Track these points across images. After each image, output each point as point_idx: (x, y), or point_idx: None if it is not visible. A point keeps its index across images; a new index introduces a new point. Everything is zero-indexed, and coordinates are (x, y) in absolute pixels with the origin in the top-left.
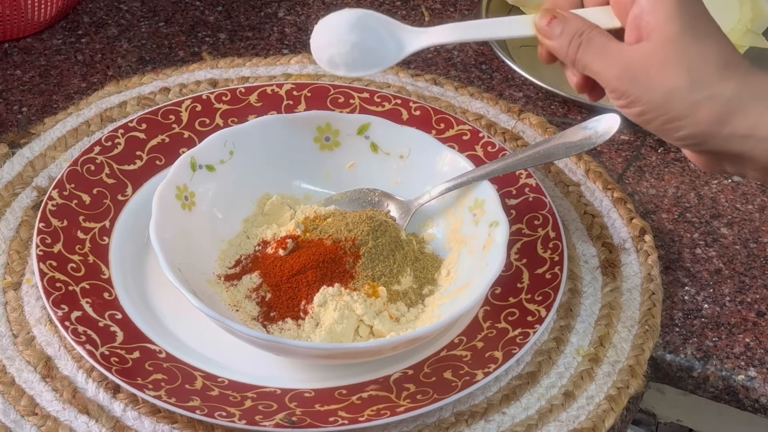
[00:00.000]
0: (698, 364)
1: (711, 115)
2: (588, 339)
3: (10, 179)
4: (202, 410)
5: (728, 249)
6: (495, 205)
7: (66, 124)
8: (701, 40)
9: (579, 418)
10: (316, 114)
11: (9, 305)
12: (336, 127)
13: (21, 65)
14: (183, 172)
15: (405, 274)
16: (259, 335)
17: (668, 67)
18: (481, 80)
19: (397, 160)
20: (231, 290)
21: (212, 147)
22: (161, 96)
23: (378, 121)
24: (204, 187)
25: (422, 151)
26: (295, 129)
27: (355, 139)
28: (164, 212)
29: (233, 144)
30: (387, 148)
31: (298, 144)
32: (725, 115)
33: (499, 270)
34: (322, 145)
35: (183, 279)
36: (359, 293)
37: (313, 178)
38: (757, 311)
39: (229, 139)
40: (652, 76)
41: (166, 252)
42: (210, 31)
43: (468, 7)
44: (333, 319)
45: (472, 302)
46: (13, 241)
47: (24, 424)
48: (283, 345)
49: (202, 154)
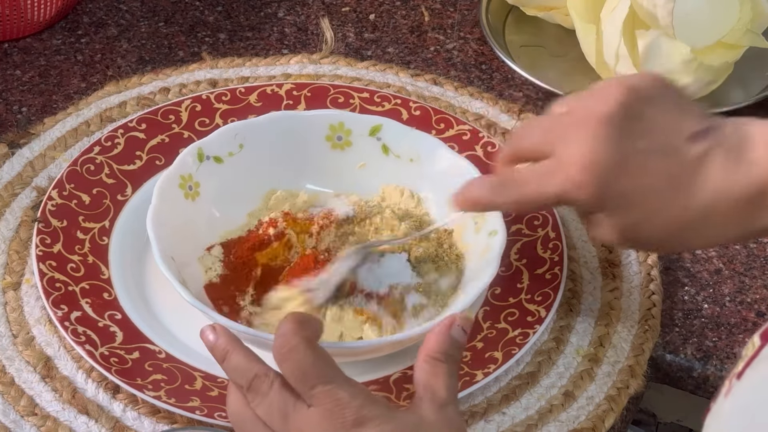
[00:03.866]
0: (698, 364)
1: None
2: (588, 339)
3: (9, 179)
4: (201, 410)
5: (728, 249)
6: (496, 214)
7: (66, 125)
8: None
9: (579, 418)
10: (330, 113)
11: (9, 305)
12: (349, 127)
13: (21, 65)
14: (189, 162)
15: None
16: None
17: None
18: (481, 80)
19: (407, 164)
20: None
21: (222, 139)
22: (161, 96)
23: (391, 124)
24: (210, 178)
25: (433, 156)
26: (308, 126)
27: (367, 140)
28: (165, 201)
29: (244, 137)
30: (398, 151)
31: (310, 141)
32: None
33: (490, 279)
34: (333, 144)
35: (175, 269)
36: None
37: (322, 176)
38: (757, 311)
39: (240, 132)
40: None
41: (161, 240)
42: (210, 31)
43: (468, 7)
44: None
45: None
46: (12, 241)
47: (24, 425)
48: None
49: (211, 145)
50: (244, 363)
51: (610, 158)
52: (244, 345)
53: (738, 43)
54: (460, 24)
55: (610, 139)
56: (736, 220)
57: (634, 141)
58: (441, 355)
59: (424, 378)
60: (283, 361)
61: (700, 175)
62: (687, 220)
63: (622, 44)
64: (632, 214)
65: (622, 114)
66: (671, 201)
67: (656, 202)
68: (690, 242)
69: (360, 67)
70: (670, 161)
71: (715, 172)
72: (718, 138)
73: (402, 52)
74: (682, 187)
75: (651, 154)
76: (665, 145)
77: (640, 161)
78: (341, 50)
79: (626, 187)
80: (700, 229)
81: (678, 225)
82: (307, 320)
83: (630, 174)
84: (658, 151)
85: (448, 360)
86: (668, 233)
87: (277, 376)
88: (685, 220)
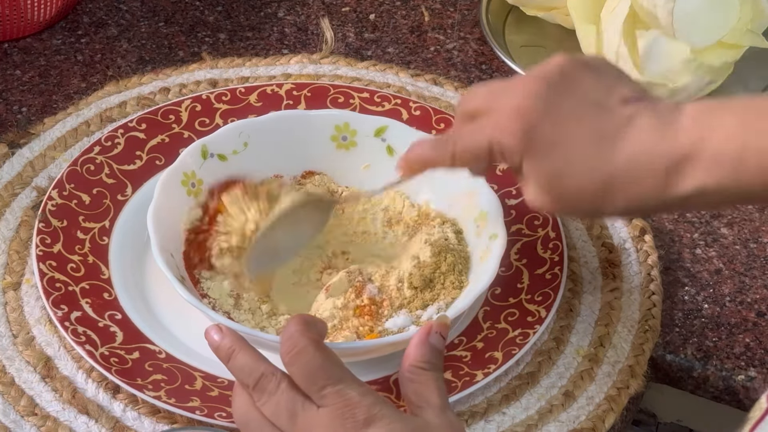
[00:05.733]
0: (698, 364)
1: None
2: (588, 339)
3: (9, 179)
4: (201, 410)
5: (728, 249)
6: (497, 217)
7: (66, 124)
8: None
9: (579, 418)
10: (336, 113)
11: (9, 305)
12: (354, 127)
13: (21, 65)
14: (193, 159)
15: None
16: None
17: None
18: (481, 80)
19: None
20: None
21: (227, 137)
22: (161, 96)
23: (396, 125)
24: (213, 176)
25: None
26: (313, 126)
27: (372, 140)
28: (167, 197)
29: (248, 136)
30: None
31: (315, 141)
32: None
33: (489, 282)
34: (338, 144)
35: (174, 266)
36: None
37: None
38: (757, 311)
39: (245, 131)
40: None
41: (160, 237)
42: (210, 31)
43: (468, 7)
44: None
45: (459, 310)
46: (12, 241)
47: (24, 425)
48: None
49: (216, 143)
50: (251, 362)
51: (538, 107)
52: (250, 344)
53: (738, 43)
54: (460, 24)
55: (540, 93)
56: (656, 183)
57: (565, 96)
58: (425, 364)
59: (414, 388)
60: (291, 362)
61: (626, 132)
62: (609, 174)
63: (622, 44)
64: (556, 161)
65: (557, 73)
66: (594, 152)
67: (580, 150)
68: (612, 202)
69: (360, 67)
70: (598, 115)
71: (642, 132)
72: (650, 105)
73: (402, 52)
74: (606, 139)
75: (580, 107)
76: (596, 102)
77: (568, 112)
78: (341, 50)
79: (551, 134)
80: (621, 187)
81: (600, 178)
82: (313, 321)
83: (556, 122)
84: (587, 106)
85: (432, 368)
86: (590, 188)
87: (284, 376)
88: (607, 174)
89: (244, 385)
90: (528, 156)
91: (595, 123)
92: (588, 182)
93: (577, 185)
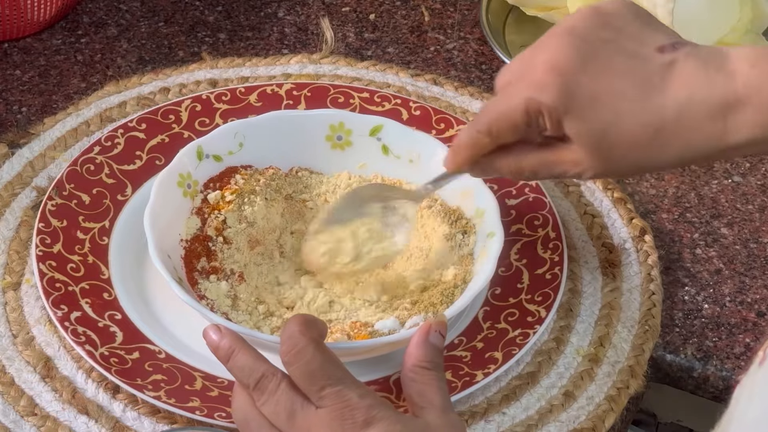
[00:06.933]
0: (698, 364)
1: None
2: (588, 339)
3: (9, 179)
4: (201, 411)
5: (728, 249)
6: (494, 215)
7: (66, 125)
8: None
9: (579, 418)
10: (330, 112)
11: (9, 305)
12: (349, 127)
13: (20, 65)
14: (188, 161)
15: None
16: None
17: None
18: (481, 80)
19: (407, 164)
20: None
21: (222, 138)
22: (161, 96)
23: (391, 124)
24: (209, 176)
25: (432, 157)
26: (307, 126)
27: (368, 140)
28: (163, 198)
29: (243, 136)
30: (398, 152)
31: (310, 141)
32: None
33: (487, 280)
34: (333, 144)
35: (171, 266)
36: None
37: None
38: (758, 311)
39: (240, 131)
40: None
41: (157, 238)
42: (210, 31)
43: (468, 7)
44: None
45: (457, 310)
46: (12, 241)
47: (23, 425)
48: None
49: (211, 144)
50: (250, 362)
51: (574, 59)
52: (249, 344)
53: (738, 44)
54: (460, 24)
55: (573, 44)
56: (710, 130)
57: (599, 48)
58: (427, 363)
59: (417, 388)
60: (291, 362)
61: (671, 78)
62: (659, 123)
63: None
64: (601, 115)
65: (587, 23)
66: (643, 100)
67: (626, 102)
68: (667, 152)
69: (360, 67)
70: (637, 64)
71: (688, 77)
72: (690, 51)
73: (402, 52)
74: (652, 88)
75: (617, 56)
76: (632, 51)
77: (605, 63)
78: (341, 50)
79: (592, 88)
80: (675, 134)
81: (653, 127)
82: (313, 321)
83: (595, 75)
84: (624, 56)
85: (435, 367)
86: (644, 139)
87: (284, 376)
88: (657, 123)
89: (244, 385)
90: (570, 115)
91: (637, 72)
92: (641, 133)
93: (629, 138)
